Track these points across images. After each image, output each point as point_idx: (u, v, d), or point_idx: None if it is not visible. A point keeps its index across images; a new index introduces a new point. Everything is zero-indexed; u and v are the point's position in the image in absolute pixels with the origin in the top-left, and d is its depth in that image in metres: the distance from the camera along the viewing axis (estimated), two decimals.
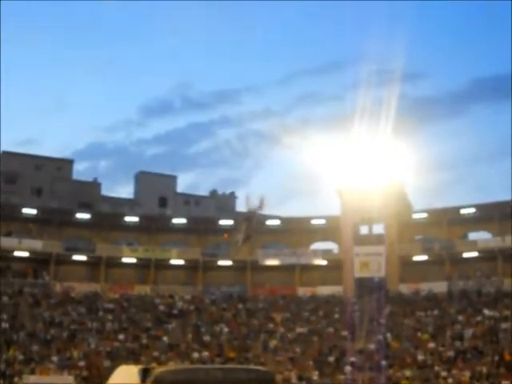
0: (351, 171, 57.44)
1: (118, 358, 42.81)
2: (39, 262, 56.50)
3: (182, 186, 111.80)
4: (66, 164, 76.86)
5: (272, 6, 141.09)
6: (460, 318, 49.37)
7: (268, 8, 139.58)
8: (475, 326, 47.69)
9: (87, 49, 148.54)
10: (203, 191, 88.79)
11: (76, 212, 62.02)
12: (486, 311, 49.23)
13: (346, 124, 55.66)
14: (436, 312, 51.37)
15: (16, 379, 40.01)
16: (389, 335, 47.52)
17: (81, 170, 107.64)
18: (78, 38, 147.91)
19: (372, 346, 45.45)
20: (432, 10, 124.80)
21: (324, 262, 59.16)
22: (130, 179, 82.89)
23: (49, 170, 72.99)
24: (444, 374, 41.85)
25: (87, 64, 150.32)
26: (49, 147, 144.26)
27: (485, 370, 41.13)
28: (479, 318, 48.63)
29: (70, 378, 39.69)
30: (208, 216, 71.24)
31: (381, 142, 54.98)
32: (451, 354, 44.31)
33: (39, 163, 73.07)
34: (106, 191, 78.78)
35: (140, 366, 13.85)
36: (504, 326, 46.28)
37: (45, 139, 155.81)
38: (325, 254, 60.03)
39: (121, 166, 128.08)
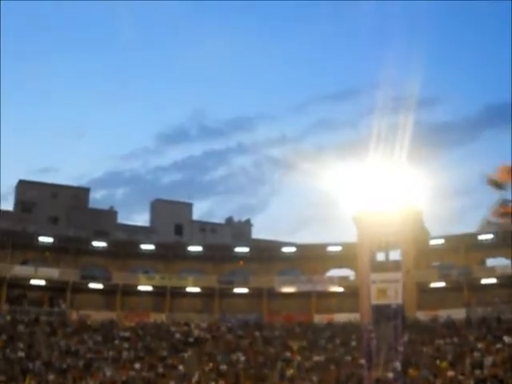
0: (367, 197, 57.25)
1: None
2: (55, 290, 56.63)
3: (198, 214, 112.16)
4: (82, 192, 77.30)
5: (287, 33, 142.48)
6: (479, 345, 48.65)
7: (283, 35, 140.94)
8: (495, 353, 46.95)
9: (104, 77, 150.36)
10: (219, 218, 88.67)
11: (92, 240, 62.19)
12: (506, 338, 48.47)
13: (361, 150, 55.65)
14: (455, 339, 50.68)
15: None
16: (407, 363, 46.89)
17: (98, 198, 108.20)
18: (95, 66, 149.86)
19: (390, 375, 44.83)
20: (446, 35, 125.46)
21: (340, 289, 58.86)
22: (147, 207, 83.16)
23: (65, 199, 73.39)
24: None
25: (104, 92, 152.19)
26: (66, 175, 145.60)
27: None
28: (499, 346, 47.88)
29: None
30: (224, 243, 71.15)
31: (396, 168, 54.84)
32: (471, 382, 43.50)
33: (56, 191, 73.51)
34: (122, 219, 79.07)
35: None
36: None
37: (62, 167, 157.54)
38: (341, 280, 59.74)
39: (137, 193, 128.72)
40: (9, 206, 73.70)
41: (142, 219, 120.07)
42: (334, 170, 58.67)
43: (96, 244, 61.15)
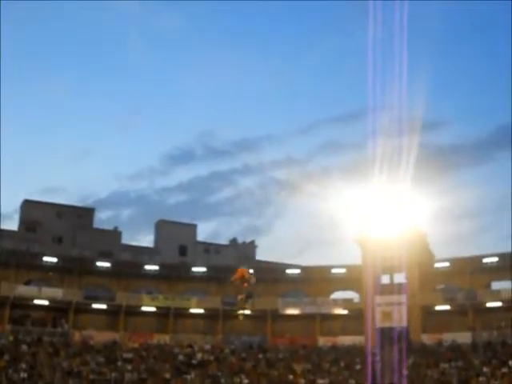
0: (372, 220, 57.17)
1: None
2: (59, 310, 56.47)
3: (203, 235, 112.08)
4: (87, 212, 77.37)
5: (292, 55, 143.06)
6: (485, 369, 48.33)
7: (290, 57, 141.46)
8: (501, 378, 46.63)
9: (110, 97, 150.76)
10: (224, 239, 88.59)
11: (96, 260, 62.14)
12: None
13: (367, 172, 55.60)
14: (460, 363, 50.38)
15: None
16: None
17: (103, 219, 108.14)
18: (102, 86, 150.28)
19: None
20: (454, 56, 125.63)
21: (345, 312, 58.67)
22: (152, 227, 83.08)
23: (70, 219, 73.44)
24: None
25: (110, 113, 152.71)
26: (72, 195, 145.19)
27: None
28: (505, 370, 47.58)
29: None
30: (228, 264, 70.93)
31: (402, 190, 54.78)
32: None
33: (60, 211, 73.57)
34: (128, 239, 79.08)
35: None
36: None
37: (68, 187, 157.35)
38: (345, 303, 59.53)
39: (143, 214, 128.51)
40: (13, 225, 73.75)
41: (147, 240, 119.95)
42: (338, 192, 58.74)
43: (100, 264, 61.09)
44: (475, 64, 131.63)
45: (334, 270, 61.10)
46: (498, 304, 54.58)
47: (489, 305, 55.06)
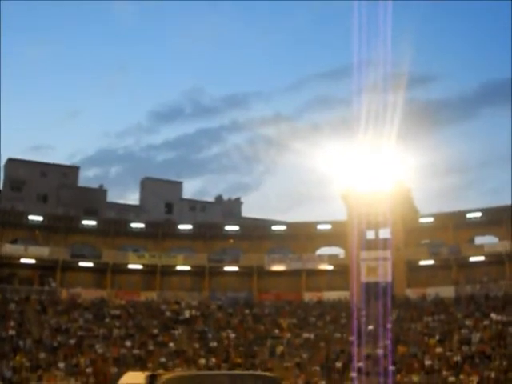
0: (358, 176, 57.31)
1: (124, 365, 42.83)
2: (46, 268, 56.58)
3: (191, 192, 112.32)
4: (72, 171, 77.11)
5: (282, 11, 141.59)
6: (467, 322, 49.13)
7: (277, 14, 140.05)
8: (483, 330, 47.45)
9: (98, 55, 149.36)
10: (213, 197, 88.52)
11: (82, 219, 62.10)
12: (494, 315, 48.94)
13: (354, 128, 55.56)
14: (443, 317, 51.17)
15: None
16: (396, 340, 47.32)
17: (91, 177, 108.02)
18: (89, 44, 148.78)
19: (379, 351, 45.24)
20: (443, 12, 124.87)
21: (330, 267, 59.16)
22: (139, 185, 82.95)
23: (55, 177, 73.19)
24: (452, 378, 41.62)
25: (98, 72, 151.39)
26: (59, 154, 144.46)
27: (493, 374, 40.88)
28: (487, 323, 48.38)
29: None
30: (214, 222, 71.22)
31: (388, 146, 54.84)
32: (459, 358, 44.08)
33: (45, 170, 73.26)
34: (115, 197, 79.30)
35: (147, 373, 13.85)
36: None
37: (56, 146, 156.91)
38: (331, 259, 59.97)
39: (130, 171, 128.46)
40: None
41: (134, 198, 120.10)
42: (326, 148, 58.71)
43: (86, 222, 61.04)
44: (463, 20, 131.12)
45: (319, 226, 61.38)
46: (481, 258, 55.25)
47: (472, 259, 55.71)
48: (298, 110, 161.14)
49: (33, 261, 56.03)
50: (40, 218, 59.08)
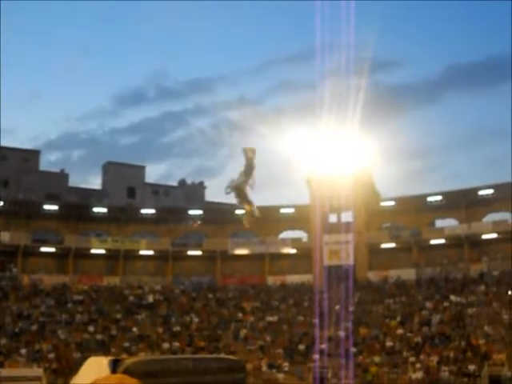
0: (321, 160, 57.59)
1: (87, 350, 42.71)
2: (7, 254, 55.89)
3: (154, 176, 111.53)
4: (32, 155, 75.96)
5: None
6: (428, 304, 50.02)
7: None
8: (442, 311, 48.39)
9: (60, 38, 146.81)
10: (176, 181, 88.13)
11: (43, 203, 61.39)
12: (453, 297, 49.96)
13: (318, 113, 55.64)
14: (404, 299, 52.00)
15: None
16: (358, 322, 47.97)
17: (53, 161, 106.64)
18: (51, 26, 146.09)
19: (341, 333, 45.78)
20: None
21: (293, 251, 59.52)
22: (101, 170, 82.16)
23: (15, 161, 72.03)
24: (412, 359, 42.47)
25: (59, 54, 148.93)
26: (20, 137, 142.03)
27: (452, 354, 41.84)
28: (446, 304, 49.34)
29: (40, 371, 39.22)
30: (177, 206, 71.01)
31: (352, 130, 55.13)
32: (419, 339, 44.95)
33: (5, 154, 72.02)
34: (77, 182, 78.39)
35: (110, 358, 13.83)
36: (470, 311, 47.05)
37: (16, 129, 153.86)
38: (294, 242, 60.35)
39: (93, 156, 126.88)
40: None
41: (96, 182, 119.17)
42: (290, 132, 58.75)
43: (47, 207, 60.38)
44: (426, 4, 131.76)
45: (282, 210, 61.63)
46: (442, 241, 56.17)
47: (433, 242, 56.59)
48: (262, 93, 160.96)
49: None
50: (0, 203, 58.24)
